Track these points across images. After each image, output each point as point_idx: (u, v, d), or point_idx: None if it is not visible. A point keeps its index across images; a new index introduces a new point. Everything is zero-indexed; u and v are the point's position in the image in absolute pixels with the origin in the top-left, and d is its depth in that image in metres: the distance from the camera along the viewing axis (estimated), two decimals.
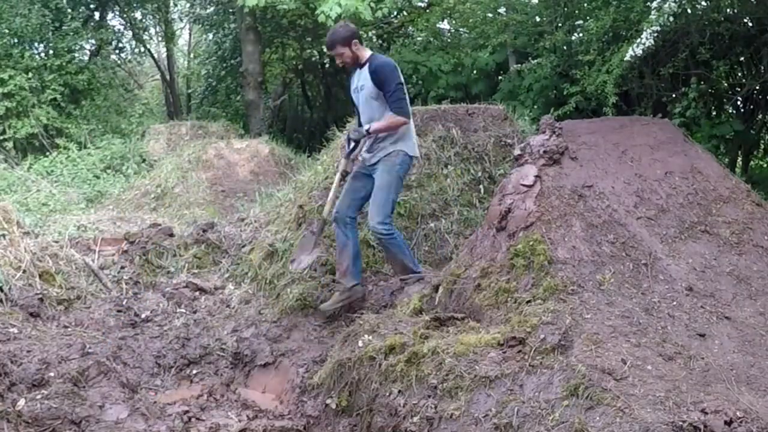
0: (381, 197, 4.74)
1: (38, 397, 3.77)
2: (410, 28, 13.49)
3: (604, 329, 3.34)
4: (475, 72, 11.84)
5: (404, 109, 4.70)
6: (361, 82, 4.82)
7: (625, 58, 6.00)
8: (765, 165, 9.35)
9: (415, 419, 3.28)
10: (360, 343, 3.82)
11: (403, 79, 4.78)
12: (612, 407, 2.84)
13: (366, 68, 4.77)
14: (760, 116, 8.31)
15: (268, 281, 5.59)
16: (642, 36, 5.70)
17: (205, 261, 6.20)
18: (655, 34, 5.62)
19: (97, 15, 15.40)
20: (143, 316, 5.44)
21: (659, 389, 2.94)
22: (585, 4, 8.94)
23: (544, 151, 4.05)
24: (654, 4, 5.57)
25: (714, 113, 8.13)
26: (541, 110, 9.11)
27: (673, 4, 5.67)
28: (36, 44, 13.50)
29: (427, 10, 12.44)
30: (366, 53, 4.85)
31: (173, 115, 16.87)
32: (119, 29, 16.49)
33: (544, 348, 3.26)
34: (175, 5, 17.21)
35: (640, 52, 5.65)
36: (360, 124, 4.97)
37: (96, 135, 13.09)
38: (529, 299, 3.62)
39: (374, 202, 4.77)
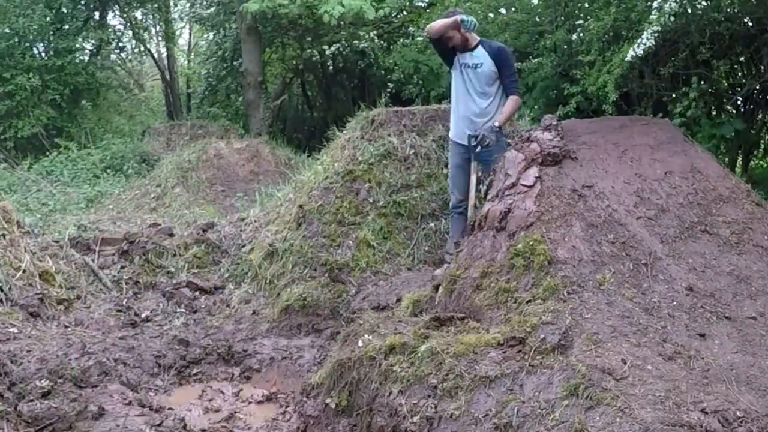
0: None
1: (38, 396, 3.77)
2: (411, 27, 13.49)
3: (604, 329, 3.34)
4: None
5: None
6: (477, 60, 5.14)
7: (626, 59, 6.00)
8: (765, 165, 9.34)
9: (415, 419, 3.27)
10: (360, 343, 3.81)
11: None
12: (612, 407, 2.83)
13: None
14: (760, 116, 8.30)
15: (268, 281, 5.59)
16: (643, 36, 5.70)
17: (205, 261, 6.21)
18: (656, 34, 5.62)
19: (97, 15, 15.40)
20: (143, 316, 5.45)
21: (659, 389, 2.93)
22: (585, 4, 8.93)
23: (548, 154, 4.05)
24: (655, 4, 5.57)
25: (714, 113, 8.13)
26: (541, 110, 9.10)
27: (674, 4, 5.67)
28: (37, 44, 13.51)
29: (428, 10, 12.43)
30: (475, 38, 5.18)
31: (173, 115, 16.87)
32: (119, 29, 16.49)
33: (544, 348, 3.26)
34: (176, 5, 17.21)
35: (641, 52, 5.66)
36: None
37: (96, 135, 13.11)
38: (529, 299, 3.62)
39: None
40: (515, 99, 5.19)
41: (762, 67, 7.58)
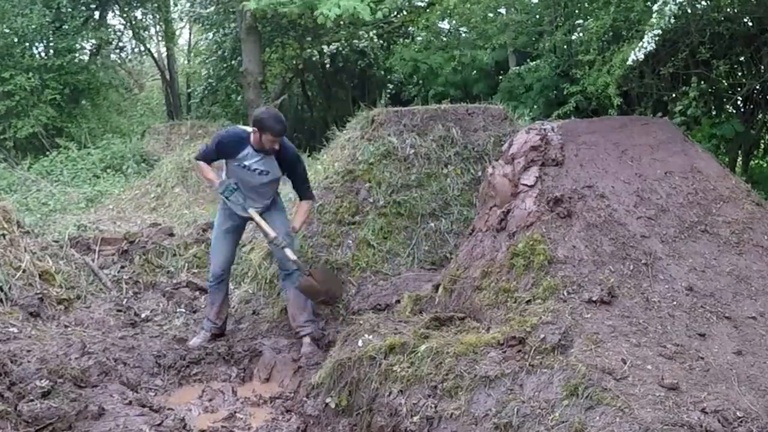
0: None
1: (38, 396, 3.77)
2: (410, 27, 13.50)
3: (604, 329, 3.34)
4: (475, 72, 11.85)
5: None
6: (266, 167, 4.81)
7: (627, 63, 6.02)
8: (765, 165, 9.34)
9: (415, 419, 3.28)
10: (360, 343, 3.82)
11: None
12: (612, 407, 2.84)
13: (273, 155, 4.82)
14: (760, 116, 8.31)
15: (267, 281, 5.59)
16: (644, 40, 5.71)
17: (205, 261, 6.20)
18: (657, 38, 5.65)
19: (97, 14, 15.40)
20: (143, 315, 5.45)
21: (659, 389, 2.94)
22: (585, 4, 8.95)
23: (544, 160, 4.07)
24: (655, 7, 5.58)
25: (714, 113, 8.14)
26: (541, 110, 9.11)
27: (674, 7, 5.68)
28: (36, 44, 13.51)
29: (427, 10, 12.43)
30: None
31: (173, 115, 16.86)
32: (119, 29, 16.49)
33: (544, 348, 3.26)
34: (176, 5, 17.19)
35: (642, 56, 5.67)
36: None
37: (96, 135, 13.11)
38: (529, 299, 3.62)
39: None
40: (310, 203, 5.08)
41: (762, 67, 7.58)
